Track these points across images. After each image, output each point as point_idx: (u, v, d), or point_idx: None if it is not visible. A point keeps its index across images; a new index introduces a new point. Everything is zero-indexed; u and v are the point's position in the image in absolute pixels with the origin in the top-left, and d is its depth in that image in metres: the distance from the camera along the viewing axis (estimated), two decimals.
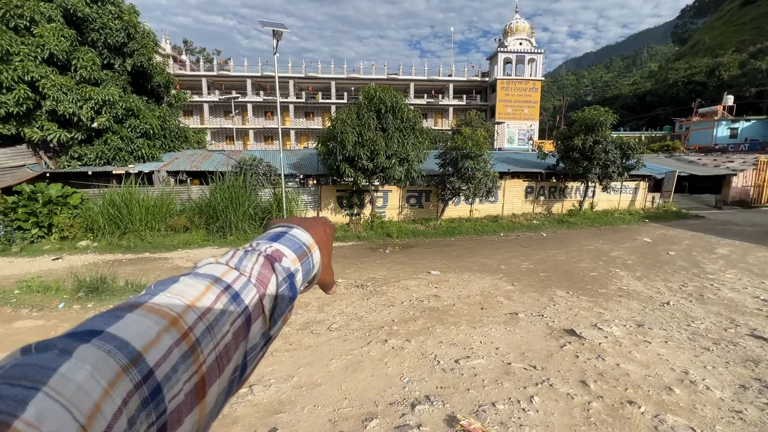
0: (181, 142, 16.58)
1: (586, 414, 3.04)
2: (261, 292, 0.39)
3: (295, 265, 0.45)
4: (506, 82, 40.79)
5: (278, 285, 0.42)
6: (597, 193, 16.72)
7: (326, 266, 0.54)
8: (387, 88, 12.48)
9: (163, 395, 0.27)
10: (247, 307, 0.37)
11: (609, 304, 5.95)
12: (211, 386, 0.32)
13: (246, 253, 0.42)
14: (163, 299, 0.32)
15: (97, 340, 0.26)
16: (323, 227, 0.55)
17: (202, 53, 61.46)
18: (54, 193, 10.84)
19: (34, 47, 10.73)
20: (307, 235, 0.50)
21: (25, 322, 4.94)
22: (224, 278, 0.37)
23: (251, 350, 0.38)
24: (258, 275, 0.40)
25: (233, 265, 0.40)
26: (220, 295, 0.35)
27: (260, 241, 0.46)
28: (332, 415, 3.00)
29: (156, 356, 0.27)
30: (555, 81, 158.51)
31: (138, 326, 0.28)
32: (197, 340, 0.31)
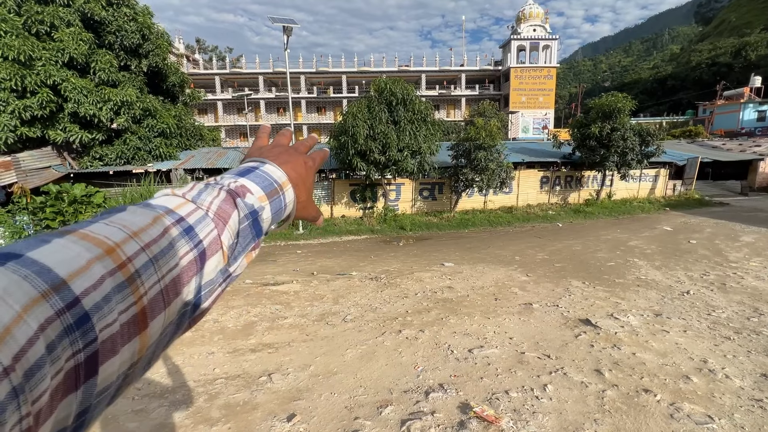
0: (197, 140, 16.92)
1: (600, 402, 3.05)
2: (219, 228, 0.38)
3: (261, 203, 0.43)
4: (520, 71, 39.98)
5: (239, 221, 0.40)
6: (615, 181, 16.33)
7: (305, 203, 0.52)
8: (398, 80, 12.42)
9: (93, 324, 0.26)
10: (201, 242, 0.36)
11: (626, 293, 5.87)
12: (153, 318, 0.31)
13: (207, 187, 0.41)
14: (100, 227, 0.30)
15: (14, 263, 0.24)
16: (303, 161, 0.53)
17: (214, 51, 62.22)
18: (78, 193, 11.25)
19: (55, 52, 11.08)
20: (280, 172, 0.47)
21: None
22: (177, 210, 0.36)
23: (206, 285, 0.36)
24: (217, 210, 0.38)
25: (190, 197, 0.38)
26: (169, 228, 0.34)
27: (226, 176, 0.44)
28: (348, 402, 3.09)
29: (84, 284, 0.26)
30: (571, 67, 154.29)
31: (65, 252, 0.27)
32: (137, 272, 0.30)
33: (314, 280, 6.92)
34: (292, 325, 4.81)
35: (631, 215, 14.28)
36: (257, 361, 3.88)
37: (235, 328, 4.75)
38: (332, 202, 14.07)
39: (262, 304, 5.58)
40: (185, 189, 0.40)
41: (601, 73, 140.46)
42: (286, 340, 4.38)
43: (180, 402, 3.14)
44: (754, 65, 52.26)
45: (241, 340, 4.38)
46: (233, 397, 3.21)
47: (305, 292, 6.17)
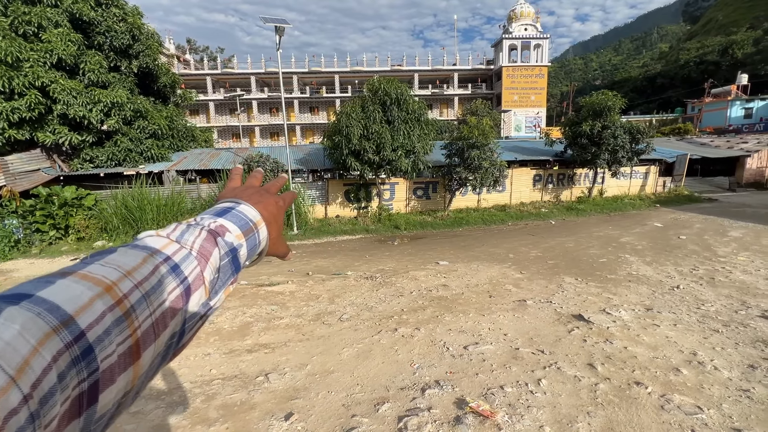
0: (189, 141, 16.80)
1: (593, 395, 3.10)
2: (202, 265, 0.40)
3: (239, 241, 0.46)
4: (512, 69, 40.23)
5: (220, 258, 0.43)
6: (606, 179, 16.53)
7: (275, 239, 0.55)
8: (391, 80, 12.45)
9: (95, 355, 0.28)
10: (187, 278, 0.38)
11: (618, 289, 5.96)
12: (146, 349, 0.33)
13: (188, 227, 0.43)
14: (97, 268, 0.33)
15: (27, 302, 0.27)
16: (274, 201, 0.56)
17: (205, 52, 61.73)
18: (69, 196, 11.13)
19: (43, 53, 10.94)
20: (254, 211, 0.51)
21: None
22: (164, 250, 0.38)
23: (190, 318, 0.39)
24: (199, 248, 0.41)
25: (174, 238, 0.41)
26: (158, 266, 0.36)
27: (204, 216, 0.47)
28: (345, 400, 3.11)
29: (88, 319, 0.29)
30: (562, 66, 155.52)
31: (70, 291, 0.29)
32: (132, 307, 0.32)
33: (310, 280, 6.92)
34: (288, 325, 4.81)
35: (623, 212, 14.47)
36: (254, 361, 3.89)
37: (231, 329, 4.75)
38: (327, 202, 14.07)
39: (257, 304, 5.58)
40: (168, 230, 0.42)
41: (591, 71, 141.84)
42: (282, 340, 4.39)
43: (177, 403, 3.13)
44: (740, 63, 53.15)
45: (237, 341, 4.38)
46: (230, 397, 3.22)
47: (301, 292, 6.18)
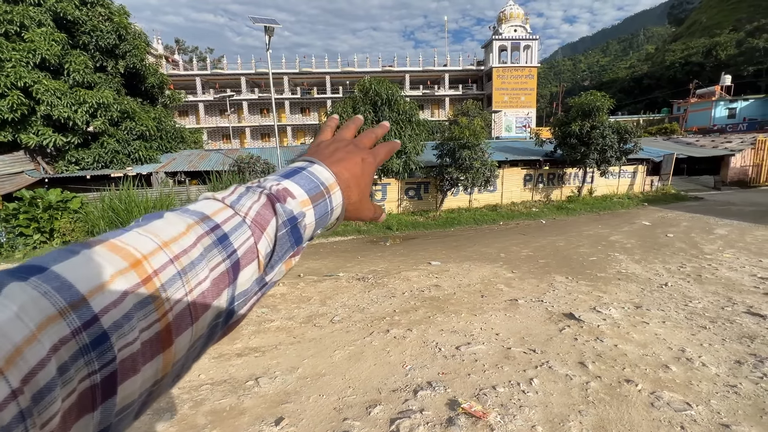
0: (178, 142, 16.57)
1: (584, 393, 3.12)
2: (256, 236, 0.36)
3: (303, 208, 0.40)
4: (502, 70, 40.55)
5: (277, 228, 0.38)
6: (595, 178, 16.73)
7: (356, 203, 0.48)
8: (382, 80, 12.44)
9: (111, 343, 0.25)
10: (236, 251, 0.34)
11: (608, 287, 6.02)
12: (180, 334, 0.29)
13: (248, 190, 0.39)
14: (132, 237, 0.29)
15: (36, 278, 0.24)
16: (361, 158, 0.49)
17: (194, 52, 61.08)
18: (54, 199, 10.89)
19: (26, 53, 10.70)
20: (328, 173, 0.44)
21: None
22: (214, 217, 0.34)
23: (240, 296, 0.35)
24: (255, 216, 0.36)
25: (229, 202, 0.37)
26: (202, 236, 0.32)
27: (270, 177, 0.42)
28: (337, 404, 3.08)
29: (104, 301, 0.25)
30: (551, 67, 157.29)
31: (89, 267, 0.26)
32: (162, 286, 0.28)
33: (301, 282, 6.87)
34: (278, 328, 4.76)
35: (612, 211, 14.65)
36: (244, 365, 3.83)
37: None
38: None
39: None
40: (226, 192, 0.38)
41: (580, 72, 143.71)
42: (273, 343, 4.34)
43: (164, 410, 3.07)
44: (724, 64, 54.32)
45: (226, 345, 4.32)
46: (219, 402, 3.16)
47: (292, 294, 6.12)
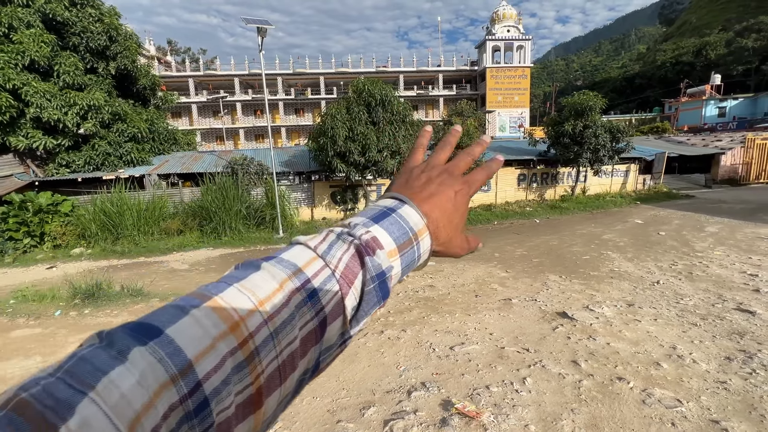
0: (171, 144, 16.43)
1: (576, 392, 3.14)
2: (344, 290, 0.35)
3: (391, 259, 0.38)
4: (495, 70, 40.73)
5: (364, 283, 0.36)
6: (589, 177, 16.85)
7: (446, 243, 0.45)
8: (376, 81, 12.44)
9: (211, 409, 0.26)
10: (324, 309, 0.33)
11: (601, 285, 6.06)
12: (269, 395, 0.30)
13: (338, 238, 0.37)
14: (232, 295, 0.30)
15: (154, 343, 0.25)
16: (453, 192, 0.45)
17: (187, 53, 60.67)
18: (44, 202, 10.75)
19: (14, 54, 10.56)
20: (418, 216, 0.41)
21: (23, 330, 4.95)
22: (306, 270, 0.34)
23: (325, 351, 0.35)
24: (344, 269, 0.35)
25: (321, 252, 0.35)
26: (293, 293, 0.32)
27: (359, 221, 0.39)
28: (330, 405, 3.07)
29: (207, 367, 0.26)
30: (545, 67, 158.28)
31: (196, 329, 0.27)
32: (256, 349, 0.29)
33: None
34: None
35: (605, 209, 14.76)
36: None
37: None
38: (313, 205, 13.96)
39: None
40: (318, 239, 0.37)
41: (573, 72, 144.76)
42: None
43: None
44: (713, 64, 55.00)
45: None
46: None
47: None
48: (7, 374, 3.87)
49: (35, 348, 4.45)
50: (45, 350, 4.38)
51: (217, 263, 8.99)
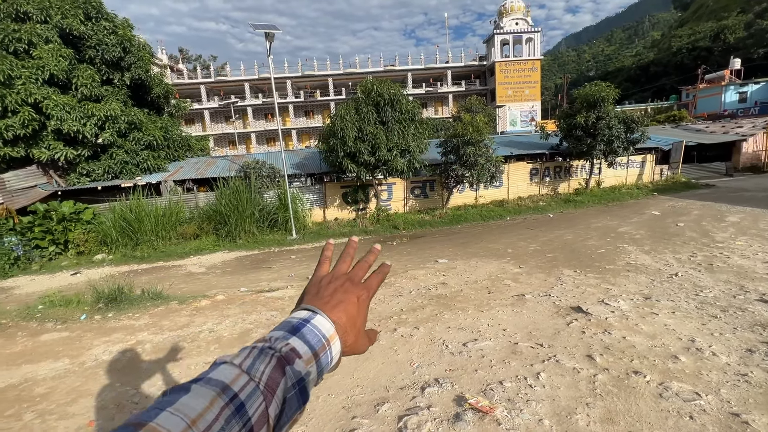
0: (185, 150, 16.81)
1: (591, 386, 3.12)
2: (268, 400, 0.39)
3: (308, 366, 0.44)
4: (504, 65, 40.25)
5: (286, 391, 0.41)
6: (603, 169, 16.54)
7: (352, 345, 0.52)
8: (384, 80, 12.48)
9: None
10: (250, 419, 0.37)
11: (617, 279, 5.97)
12: None
13: (261, 353, 0.42)
14: (165, 418, 0.33)
15: None
16: (356, 297, 0.54)
17: (198, 60, 61.76)
18: (67, 211, 11.14)
19: (35, 69, 10.96)
20: (329, 324, 0.49)
21: (51, 334, 5.17)
22: (233, 386, 0.38)
23: None
24: (267, 381, 0.40)
25: (245, 368, 0.40)
26: (223, 409, 0.36)
27: (278, 335, 0.46)
28: (345, 402, 3.13)
29: None
30: (555, 59, 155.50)
31: None
32: None
33: None
34: None
35: (621, 202, 14.47)
36: None
37: (231, 336, 4.76)
38: (325, 206, 14.09)
39: (257, 311, 5.59)
40: (242, 356, 0.42)
41: (585, 62, 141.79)
42: None
43: None
44: (732, 48, 53.09)
45: (237, 349, 4.39)
46: None
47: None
48: (38, 376, 4.05)
49: (63, 351, 4.64)
50: (72, 353, 4.57)
51: (233, 266, 9.18)
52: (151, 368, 4.03)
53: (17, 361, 4.47)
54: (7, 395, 3.72)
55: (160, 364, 4.11)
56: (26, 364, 4.35)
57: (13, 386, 3.89)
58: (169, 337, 4.80)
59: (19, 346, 4.87)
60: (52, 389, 3.76)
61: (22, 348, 4.82)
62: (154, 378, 3.83)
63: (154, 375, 3.89)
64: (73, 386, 3.79)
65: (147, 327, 5.19)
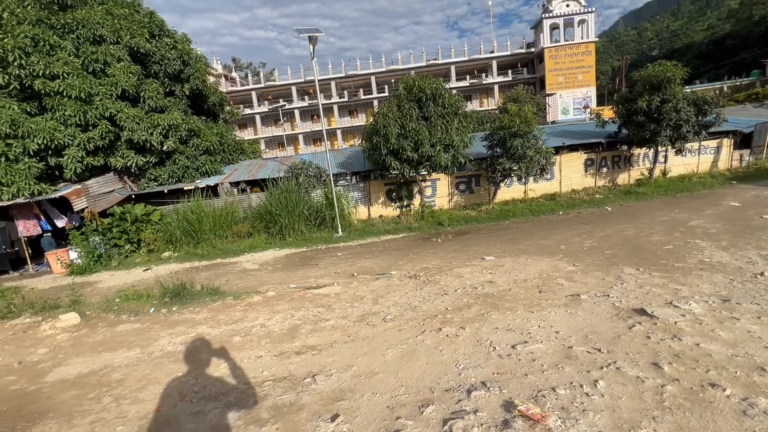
0: (239, 154, 17.81)
1: (659, 398, 2.83)
2: None
3: None
4: (554, 50, 38.03)
5: None
6: (670, 157, 15.05)
7: None
8: (426, 75, 12.30)
9: None
10: None
11: (687, 279, 5.40)
12: None
13: None
14: None
15: None
16: None
17: (249, 68, 65.06)
18: (139, 213, 12.30)
19: (110, 86, 12.16)
20: None
21: (125, 325, 5.72)
22: None
23: None
24: None
25: None
26: None
27: None
28: (390, 402, 3.12)
29: None
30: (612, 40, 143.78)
31: None
32: None
33: (354, 281, 7.04)
34: (333, 327, 4.93)
35: (691, 192, 13.09)
36: (302, 363, 4.03)
37: (280, 331, 4.96)
38: (369, 203, 14.23)
39: (305, 307, 5.77)
40: None
41: (647, 41, 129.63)
42: (328, 341, 4.51)
43: (232, 404, 3.33)
44: None
45: (286, 343, 4.57)
46: (280, 398, 3.36)
47: (346, 293, 6.30)
48: (115, 363, 4.50)
49: (135, 341, 5.12)
50: (142, 343, 5.02)
51: (283, 263, 9.57)
52: (209, 360, 4.31)
53: (98, 348, 5.00)
54: (90, 380, 4.17)
55: (217, 356, 4.38)
56: (105, 352, 4.86)
57: (95, 372, 4.35)
58: (225, 331, 5.11)
59: (100, 336, 5.44)
60: (125, 376, 4.16)
61: (102, 337, 5.38)
62: (211, 369, 4.09)
63: (212, 366, 4.15)
64: (143, 374, 4.16)
65: (205, 321, 5.57)
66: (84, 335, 5.51)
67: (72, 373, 4.38)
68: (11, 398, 3.95)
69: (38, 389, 4.09)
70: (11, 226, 12.25)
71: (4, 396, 4.00)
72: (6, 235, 12.36)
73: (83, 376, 4.27)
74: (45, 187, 11.60)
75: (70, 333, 5.62)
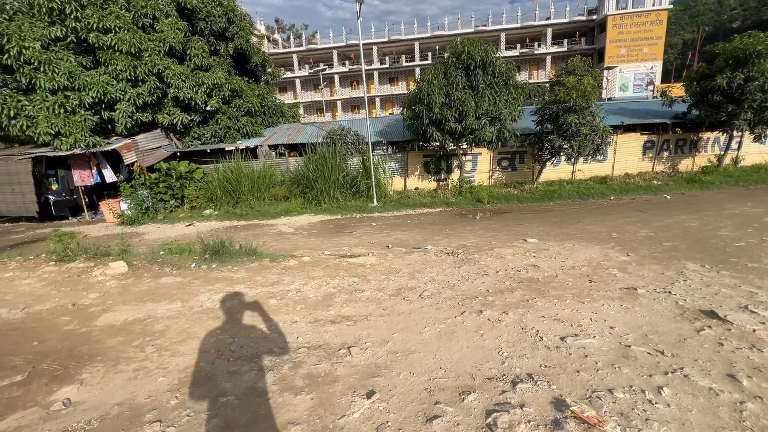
0: (279, 117, 17.78)
1: (737, 416, 2.49)
2: None
3: None
4: (620, 18, 34.50)
5: None
6: (745, 144, 13.48)
7: None
8: (476, 41, 11.45)
9: None
10: None
11: (764, 281, 4.80)
12: None
13: None
14: None
15: None
16: None
17: (291, 30, 64.25)
18: (183, 170, 12.68)
19: (158, 42, 12.25)
20: None
21: (168, 278, 5.93)
22: None
23: None
24: None
25: None
26: None
27: None
28: (428, 384, 2.97)
29: None
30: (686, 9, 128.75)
31: None
32: None
33: (389, 253, 6.89)
34: (369, 299, 4.83)
35: (767, 184, 11.72)
36: (336, 332, 3.97)
37: (315, 298, 4.93)
38: (406, 174, 13.90)
39: (340, 275, 5.71)
40: None
41: (728, 11, 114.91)
42: (363, 313, 4.41)
43: (268, 368, 3.32)
44: None
45: (321, 311, 4.52)
46: (315, 367, 3.31)
47: (381, 265, 6.17)
48: (158, 314, 4.66)
49: (177, 294, 5.28)
50: (183, 297, 5.17)
51: (318, 229, 9.59)
52: (246, 320, 4.36)
53: (143, 298, 5.21)
54: (135, 328, 4.34)
55: (253, 317, 4.41)
56: (149, 302, 5.05)
57: (140, 320, 4.53)
58: (261, 292, 5.15)
59: (145, 286, 5.68)
60: (167, 327, 4.29)
61: (147, 287, 5.61)
62: (248, 329, 4.12)
63: (248, 327, 4.18)
64: (183, 327, 4.27)
65: (243, 280, 5.65)
66: (131, 284, 5.76)
67: (119, 319, 4.59)
68: (65, 338, 4.19)
69: (88, 332, 4.31)
70: (69, 175, 13.04)
71: (59, 335, 4.26)
72: (65, 184, 13.21)
73: (129, 324, 4.46)
74: (99, 140, 12.13)
75: (118, 281, 5.90)
